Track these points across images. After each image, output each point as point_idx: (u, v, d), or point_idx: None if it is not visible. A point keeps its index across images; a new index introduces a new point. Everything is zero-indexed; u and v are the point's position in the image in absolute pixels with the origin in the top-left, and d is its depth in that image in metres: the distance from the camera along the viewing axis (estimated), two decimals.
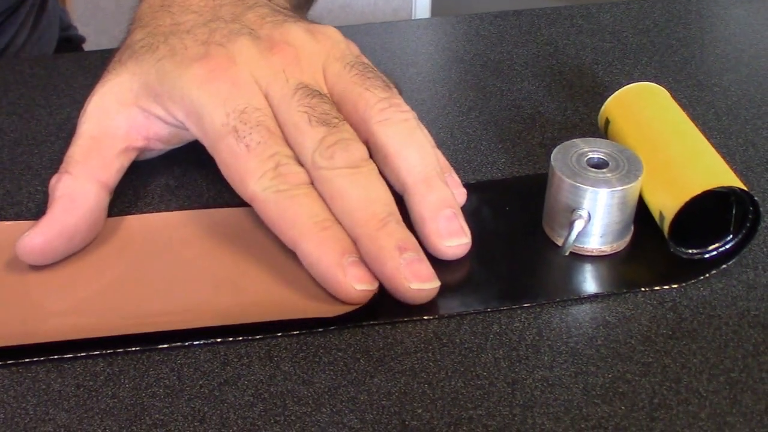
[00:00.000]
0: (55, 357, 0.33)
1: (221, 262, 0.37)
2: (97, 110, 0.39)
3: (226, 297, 0.35)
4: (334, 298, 0.35)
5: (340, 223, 0.35)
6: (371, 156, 0.37)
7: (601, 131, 0.43)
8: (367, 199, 0.35)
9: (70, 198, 0.37)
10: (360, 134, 0.37)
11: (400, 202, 0.37)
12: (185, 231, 0.39)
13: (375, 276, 0.34)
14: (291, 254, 0.36)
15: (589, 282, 0.36)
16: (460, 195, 0.39)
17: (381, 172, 0.37)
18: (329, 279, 0.34)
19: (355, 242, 0.35)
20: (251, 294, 0.35)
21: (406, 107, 0.38)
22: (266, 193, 0.35)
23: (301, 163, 0.36)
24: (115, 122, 0.39)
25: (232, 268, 0.37)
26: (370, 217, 0.35)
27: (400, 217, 0.36)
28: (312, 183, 0.36)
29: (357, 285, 0.34)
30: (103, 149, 0.39)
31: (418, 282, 0.34)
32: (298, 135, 0.36)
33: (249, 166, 0.36)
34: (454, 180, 0.40)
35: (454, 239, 0.36)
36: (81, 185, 0.37)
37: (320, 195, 0.36)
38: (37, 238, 0.36)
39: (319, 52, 0.39)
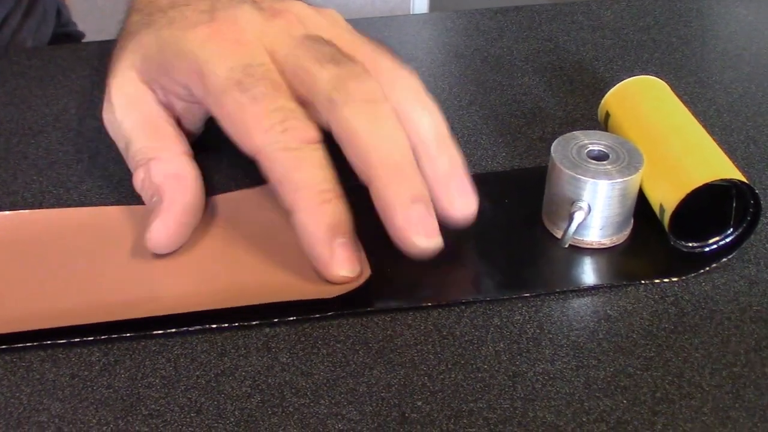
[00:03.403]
0: (48, 343, 0.33)
1: (216, 245, 0.37)
2: (126, 103, 0.38)
3: (221, 281, 0.35)
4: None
5: (342, 193, 0.34)
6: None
7: (601, 125, 0.43)
8: (384, 140, 0.34)
9: (175, 177, 0.37)
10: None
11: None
12: None
13: (384, 225, 0.34)
14: (285, 236, 0.35)
15: (589, 274, 0.36)
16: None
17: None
18: (315, 255, 0.34)
19: (367, 184, 0.34)
20: (246, 277, 0.35)
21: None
22: (272, 148, 0.34)
23: (310, 118, 0.35)
24: (148, 106, 0.38)
25: (227, 251, 0.36)
26: (386, 161, 0.34)
27: (415, 164, 0.35)
28: (321, 141, 0.35)
29: (340, 269, 0.34)
30: (160, 128, 0.38)
31: (425, 237, 0.34)
32: (309, 78, 0.35)
33: (255, 117, 0.34)
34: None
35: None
36: (174, 163, 0.37)
37: (337, 138, 0.35)
38: (164, 227, 0.35)
39: (321, 21, 0.38)
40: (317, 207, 0.34)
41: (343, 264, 0.34)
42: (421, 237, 0.34)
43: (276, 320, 0.34)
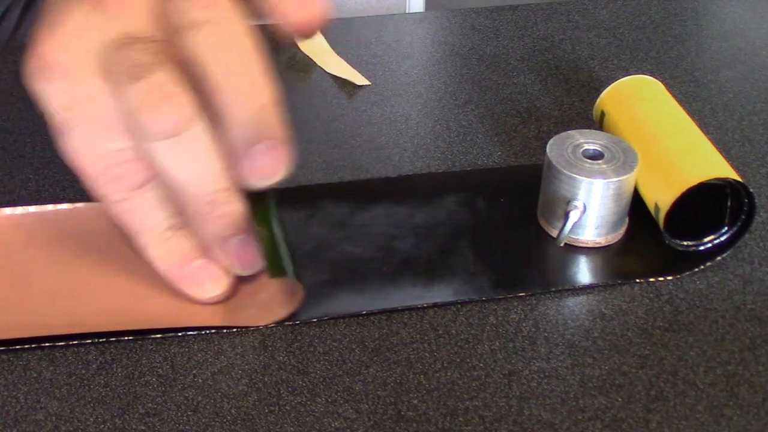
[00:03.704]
0: (47, 345, 0.33)
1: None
2: None
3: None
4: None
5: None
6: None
7: (596, 124, 0.43)
8: (191, 177, 0.32)
9: None
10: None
11: None
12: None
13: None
14: None
15: (584, 273, 0.36)
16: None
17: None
18: (181, 289, 0.34)
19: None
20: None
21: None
22: (106, 204, 0.33)
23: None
24: None
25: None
26: (197, 199, 0.32)
27: (230, 187, 0.32)
28: (152, 179, 0.32)
29: (203, 294, 0.34)
30: None
31: (243, 267, 0.34)
32: (119, 101, 0.31)
33: (83, 168, 0.32)
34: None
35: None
36: None
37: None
38: None
39: None
40: (158, 248, 0.34)
41: (202, 286, 0.34)
42: (239, 268, 0.34)
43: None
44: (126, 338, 0.33)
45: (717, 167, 0.36)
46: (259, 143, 0.32)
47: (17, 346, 0.33)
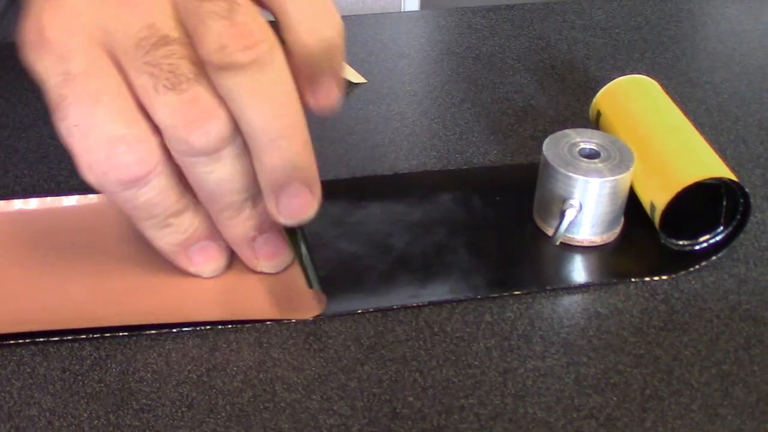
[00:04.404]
0: (41, 340, 0.33)
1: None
2: None
3: (217, 294, 0.35)
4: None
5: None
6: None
7: (592, 124, 0.43)
8: (222, 189, 0.32)
9: None
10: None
11: None
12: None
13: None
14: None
15: (580, 272, 0.36)
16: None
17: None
18: (180, 267, 0.35)
19: (213, 216, 0.34)
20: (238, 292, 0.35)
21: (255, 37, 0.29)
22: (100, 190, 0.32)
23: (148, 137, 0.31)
24: None
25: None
26: (226, 207, 0.33)
27: (256, 195, 0.33)
28: (157, 167, 0.31)
29: (202, 272, 0.35)
30: None
31: (269, 262, 0.35)
32: (148, 104, 0.30)
33: (75, 154, 0.31)
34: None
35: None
36: None
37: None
38: None
39: None
40: (158, 232, 0.34)
41: (202, 266, 0.35)
42: (263, 263, 0.35)
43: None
44: (120, 334, 0.33)
45: (713, 167, 0.36)
46: (290, 185, 0.32)
47: (11, 341, 0.33)
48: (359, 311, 0.34)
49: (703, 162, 0.36)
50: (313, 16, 0.32)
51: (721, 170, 0.36)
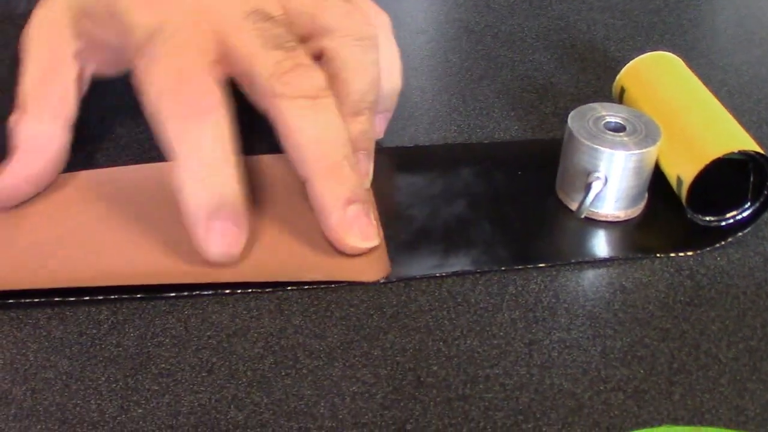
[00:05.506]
0: (57, 301, 0.32)
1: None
2: (42, 37, 0.36)
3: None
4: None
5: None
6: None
7: (615, 101, 0.42)
8: (320, 137, 0.33)
9: (35, 143, 0.35)
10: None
11: None
12: None
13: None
14: (299, 211, 0.35)
15: (604, 246, 0.36)
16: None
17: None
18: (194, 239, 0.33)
19: (303, 180, 0.33)
20: (265, 251, 0.34)
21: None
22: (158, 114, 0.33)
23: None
24: (63, 49, 0.36)
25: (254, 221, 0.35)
26: (321, 158, 0.33)
27: (353, 160, 0.34)
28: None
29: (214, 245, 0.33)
30: (56, 79, 0.36)
31: (359, 238, 0.33)
32: (251, 60, 0.33)
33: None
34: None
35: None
36: (44, 128, 0.35)
37: (274, 127, 0.33)
38: (2, 185, 0.35)
39: None
40: (195, 185, 0.32)
41: (215, 241, 0.33)
42: (355, 237, 0.33)
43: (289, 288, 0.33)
44: (138, 296, 0.32)
45: (742, 140, 0.36)
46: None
47: (26, 299, 0.32)
48: (381, 280, 0.33)
49: (730, 135, 0.36)
50: (369, 86, 0.36)
51: (749, 144, 0.35)
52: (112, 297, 0.32)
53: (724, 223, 0.37)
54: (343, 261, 0.34)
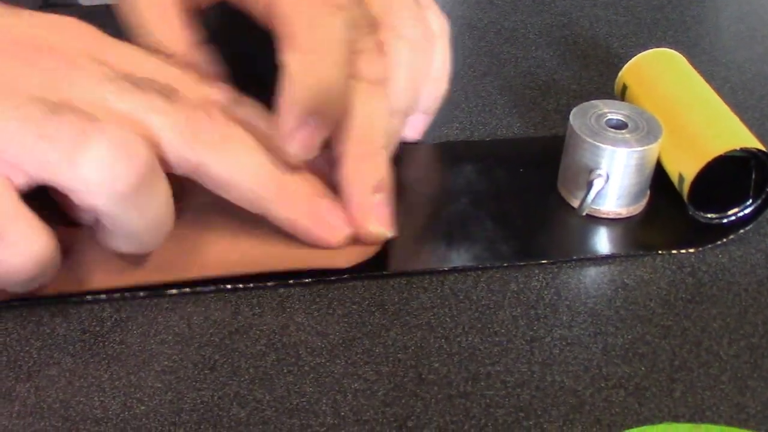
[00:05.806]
0: (60, 301, 0.32)
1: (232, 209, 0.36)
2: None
3: (240, 245, 0.34)
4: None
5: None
6: None
7: (618, 98, 0.42)
8: (372, 122, 0.34)
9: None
10: None
11: None
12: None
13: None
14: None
15: (605, 243, 0.36)
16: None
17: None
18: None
19: (337, 155, 0.34)
20: (263, 243, 0.34)
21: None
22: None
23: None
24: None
25: (242, 216, 0.35)
26: (365, 141, 0.34)
27: (389, 149, 0.35)
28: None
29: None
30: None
31: (377, 225, 0.34)
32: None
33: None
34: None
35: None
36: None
37: None
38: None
39: None
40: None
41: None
42: (375, 223, 0.34)
43: (291, 282, 0.33)
44: (140, 294, 0.32)
45: (744, 137, 0.36)
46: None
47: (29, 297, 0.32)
48: (383, 273, 0.34)
49: (733, 132, 0.36)
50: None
51: (751, 141, 0.35)
52: (115, 295, 0.32)
53: (725, 221, 0.37)
54: (312, 249, 0.33)
